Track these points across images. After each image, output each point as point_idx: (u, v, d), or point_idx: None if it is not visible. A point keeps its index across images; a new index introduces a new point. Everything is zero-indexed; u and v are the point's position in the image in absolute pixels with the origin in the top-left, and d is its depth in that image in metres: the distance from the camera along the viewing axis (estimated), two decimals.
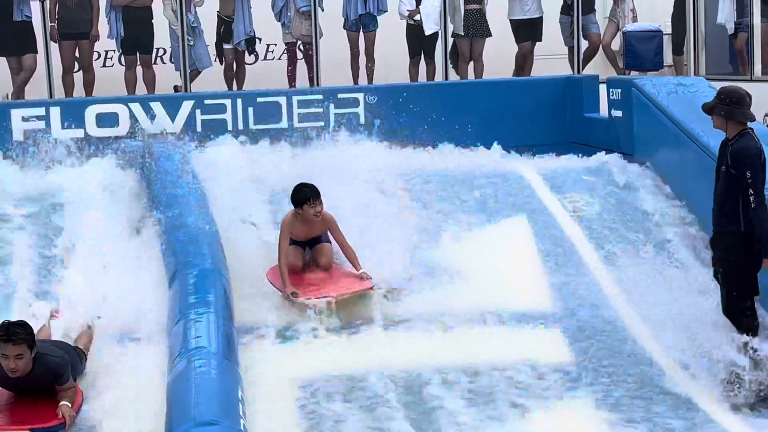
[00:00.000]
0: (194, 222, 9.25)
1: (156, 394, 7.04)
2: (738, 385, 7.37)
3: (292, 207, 8.94)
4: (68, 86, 13.23)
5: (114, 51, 14.30)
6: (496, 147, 11.69)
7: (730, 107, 7.46)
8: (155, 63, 14.19)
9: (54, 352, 7.17)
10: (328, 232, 9.05)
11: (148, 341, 8.01)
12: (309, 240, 9.08)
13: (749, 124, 7.53)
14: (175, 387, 6.70)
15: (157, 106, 11.69)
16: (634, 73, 14.06)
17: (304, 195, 8.86)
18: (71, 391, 7.13)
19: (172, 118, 11.67)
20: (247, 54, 14.10)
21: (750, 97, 7.54)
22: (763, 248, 7.31)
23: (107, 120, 11.54)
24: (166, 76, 13.99)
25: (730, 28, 14.18)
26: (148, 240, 9.48)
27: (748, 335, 7.46)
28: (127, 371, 7.60)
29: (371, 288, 8.68)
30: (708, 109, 7.63)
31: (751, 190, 7.29)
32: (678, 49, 14.87)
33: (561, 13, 14.27)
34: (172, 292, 8.22)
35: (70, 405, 6.99)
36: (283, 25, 13.94)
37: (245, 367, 7.52)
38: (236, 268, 8.88)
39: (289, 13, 13.75)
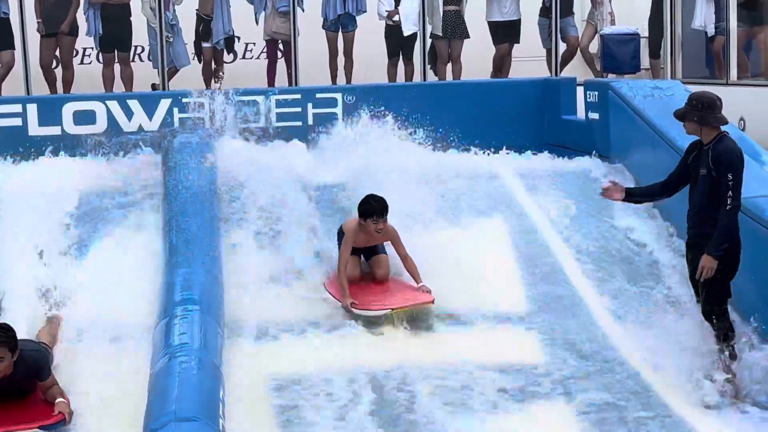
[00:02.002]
0: (194, 219, 9.26)
1: (138, 392, 7.01)
2: (713, 388, 7.40)
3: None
4: (51, 83, 13.22)
5: (92, 48, 14.26)
6: (473, 148, 11.72)
7: (703, 112, 7.47)
8: (133, 61, 14.17)
9: (29, 345, 7.15)
10: (384, 243, 8.94)
11: (132, 338, 8.04)
12: (365, 250, 8.95)
13: (722, 128, 7.56)
14: (157, 382, 6.69)
15: (134, 104, 11.66)
16: (611, 76, 14.10)
17: (371, 210, 8.66)
18: (57, 387, 7.10)
19: (150, 116, 11.65)
20: (225, 53, 14.10)
21: (720, 100, 7.57)
22: (711, 246, 7.32)
23: (84, 118, 11.51)
24: (144, 74, 13.98)
25: (710, 30, 14.27)
26: (148, 236, 9.54)
27: (723, 337, 7.50)
28: (109, 368, 7.62)
29: (432, 302, 8.50)
30: (680, 115, 7.63)
31: (730, 192, 7.30)
32: (655, 53, 14.96)
33: (539, 15, 14.33)
34: (161, 289, 8.24)
35: (66, 401, 6.98)
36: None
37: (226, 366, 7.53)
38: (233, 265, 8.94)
39: (265, 11, 13.76)
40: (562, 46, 14.20)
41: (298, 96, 12.02)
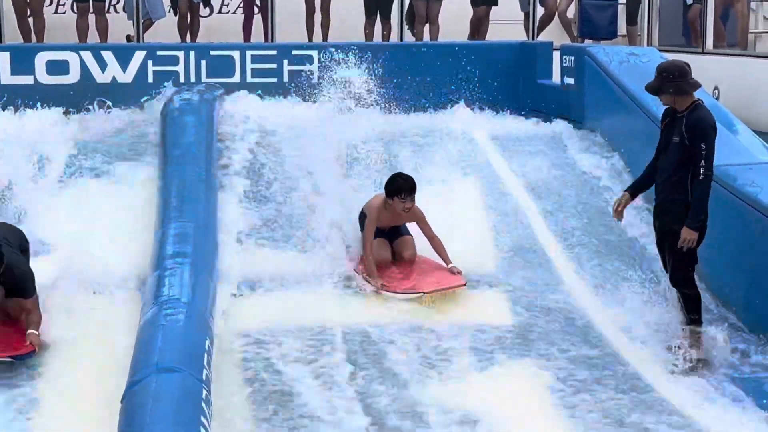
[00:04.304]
0: (190, 173, 9.24)
1: (122, 344, 7.06)
2: (678, 354, 7.46)
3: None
4: (25, 33, 13.10)
5: None
6: (448, 109, 11.72)
7: (676, 82, 7.47)
8: (108, 12, 14.05)
9: (19, 263, 7.23)
10: (407, 224, 8.82)
11: (118, 290, 8.09)
12: (390, 231, 8.77)
13: (696, 95, 7.57)
14: (142, 333, 6.68)
15: (108, 56, 11.58)
16: (587, 42, 14.12)
17: (398, 188, 8.48)
18: (36, 315, 7.17)
19: (124, 68, 11.58)
20: (201, 6, 14.00)
21: (689, 65, 7.58)
22: (690, 219, 7.34)
23: (57, 68, 11.42)
24: (119, 25, 13.86)
25: None
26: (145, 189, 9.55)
27: (690, 304, 7.54)
28: (95, 319, 7.65)
29: (464, 284, 8.35)
30: (654, 89, 7.60)
31: (702, 162, 7.33)
32: (632, 20, 14.97)
33: None
34: (154, 243, 8.22)
35: (37, 333, 7.07)
36: None
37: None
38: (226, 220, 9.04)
39: None
40: (540, 10, 14.19)
41: (274, 52, 11.96)
